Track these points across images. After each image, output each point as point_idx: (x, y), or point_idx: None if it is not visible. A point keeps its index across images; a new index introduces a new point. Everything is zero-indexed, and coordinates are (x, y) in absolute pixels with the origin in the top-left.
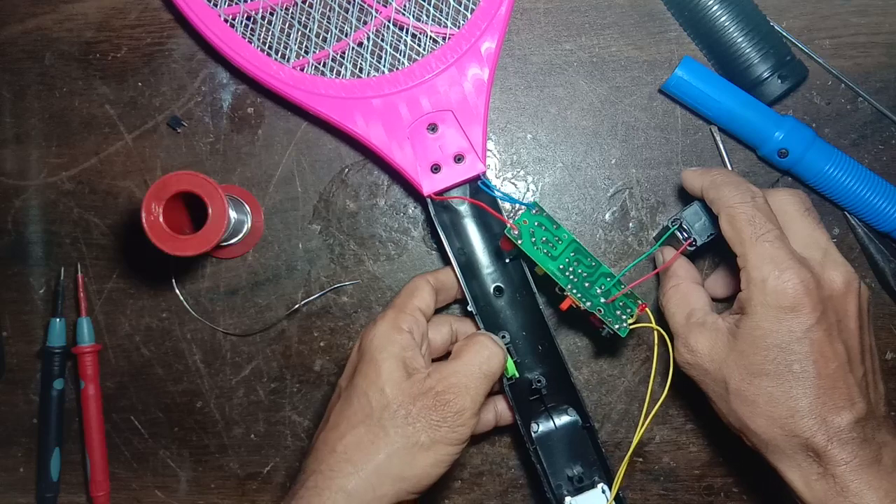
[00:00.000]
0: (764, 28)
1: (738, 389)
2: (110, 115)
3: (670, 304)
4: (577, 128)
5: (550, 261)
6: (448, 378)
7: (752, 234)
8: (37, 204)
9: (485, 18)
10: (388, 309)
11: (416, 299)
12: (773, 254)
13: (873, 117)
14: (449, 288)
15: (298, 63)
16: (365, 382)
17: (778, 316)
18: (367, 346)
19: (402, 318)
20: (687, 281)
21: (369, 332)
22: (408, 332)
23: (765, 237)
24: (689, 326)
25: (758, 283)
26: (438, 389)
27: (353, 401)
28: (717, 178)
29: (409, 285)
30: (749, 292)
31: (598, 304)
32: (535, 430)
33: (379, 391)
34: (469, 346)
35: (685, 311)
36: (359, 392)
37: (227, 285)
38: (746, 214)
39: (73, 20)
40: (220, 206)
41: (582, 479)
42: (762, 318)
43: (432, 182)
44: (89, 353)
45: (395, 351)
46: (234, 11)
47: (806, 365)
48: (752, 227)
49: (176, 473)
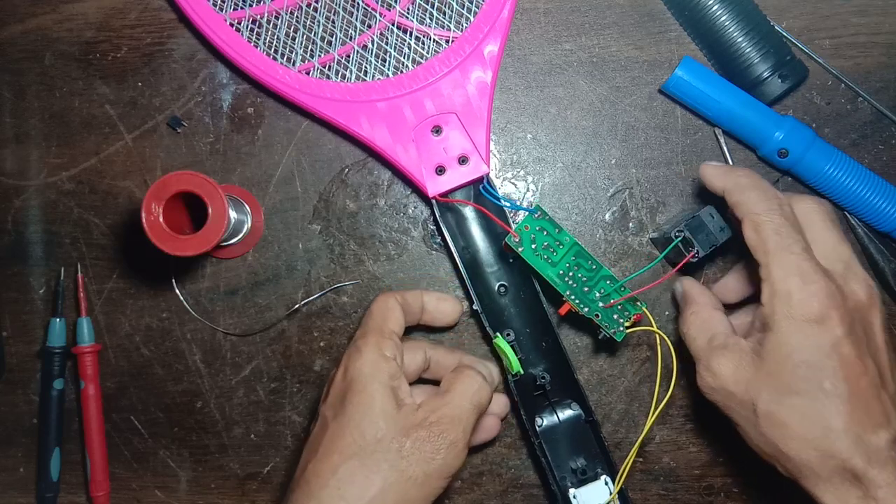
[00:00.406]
0: (764, 28)
1: (767, 412)
2: (110, 115)
3: (691, 330)
4: (577, 128)
5: (550, 267)
6: (440, 409)
7: (777, 245)
8: (37, 204)
9: (488, 21)
10: (367, 333)
11: (391, 322)
12: (798, 265)
13: (873, 117)
14: (414, 311)
15: (304, 67)
16: (358, 414)
17: (804, 330)
18: (357, 375)
19: (386, 345)
20: (707, 307)
21: (356, 359)
22: (393, 360)
23: (790, 248)
24: (710, 350)
25: (783, 295)
26: (432, 421)
27: (346, 433)
28: (742, 181)
29: (380, 305)
30: (773, 306)
31: (595, 310)
32: (540, 425)
33: (373, 423)
34: (459, 379)
35: (706, 336)
36: (352, 424)
37: (227, 285)
38: (773, 224)
39: (73, 20)
40: (220, 206)
41: (585, 471)
42: (788, 332)
43: (437, 184)
44: (89, 353)
45: (385, 380)
46: (240, 15)
47: (837, 381)
48: (778, 237)
49: (176, 473)
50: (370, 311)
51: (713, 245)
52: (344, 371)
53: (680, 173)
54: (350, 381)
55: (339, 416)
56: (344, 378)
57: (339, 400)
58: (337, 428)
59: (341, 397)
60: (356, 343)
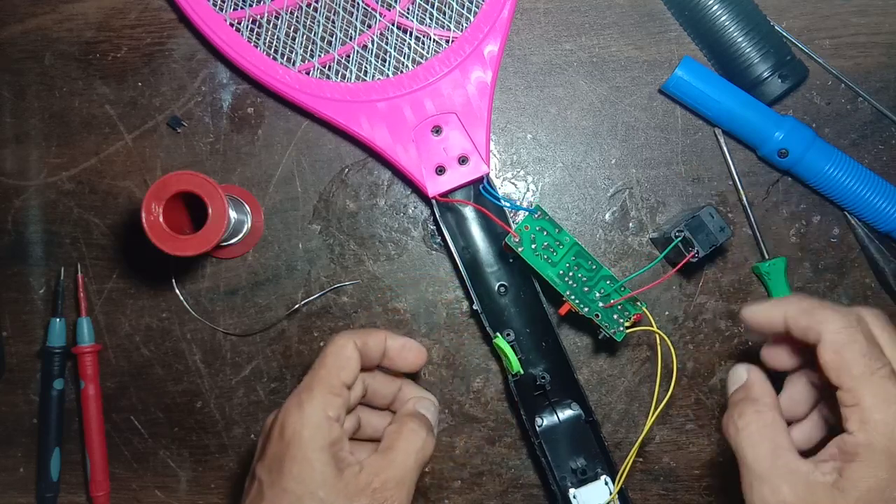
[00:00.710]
0: (764, 28)
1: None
2: (110, 115)
3: (751, 431)
4: (577, 128)
5: (550, 267)
6: (384, 472)
7: (866, 369)
8: (37, 204)
9: (488, 21)
10: (314, 386)
11: (344, 373)
12: (893, 390)
13: (873, 117)
14: (374, 357)
15: (304, 67)
16: (297, 485)
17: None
18: (295, 438)
19: (333, 404)
20: (772, 410)
21: (296, 418)
22: (336, 421)
23: (881, 372)
24: (777, 469)
25: (878, 426)
26: (375, 486)
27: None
28: (805, 304)
29: (334, 353)
30: (867, 436)
31: (595, 310)
32: (540, 425)
33: (313, 496)
34: (401, 435)
35: (770, 447)
36: (291, 496)
37: (227, 285)
38: (860, 345)
39: (73, 20)
40: (220, 206)
41: (585, 471)
42: (882, 468)
43: (437, 184)
44: (89, 353)
45: (326, 445)
46: (240, 15)
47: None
48: (866, 359)
49: (176, 473)
50: (324, 355)
51: (713, 245)
52: (281, 429)
53: (680, 173)
54: (287, 443)
55: (276, 484)
56: (281, 438)
57: (277, 464)
58: (274, 497)
59: (278, 461)
60: (299, 395)
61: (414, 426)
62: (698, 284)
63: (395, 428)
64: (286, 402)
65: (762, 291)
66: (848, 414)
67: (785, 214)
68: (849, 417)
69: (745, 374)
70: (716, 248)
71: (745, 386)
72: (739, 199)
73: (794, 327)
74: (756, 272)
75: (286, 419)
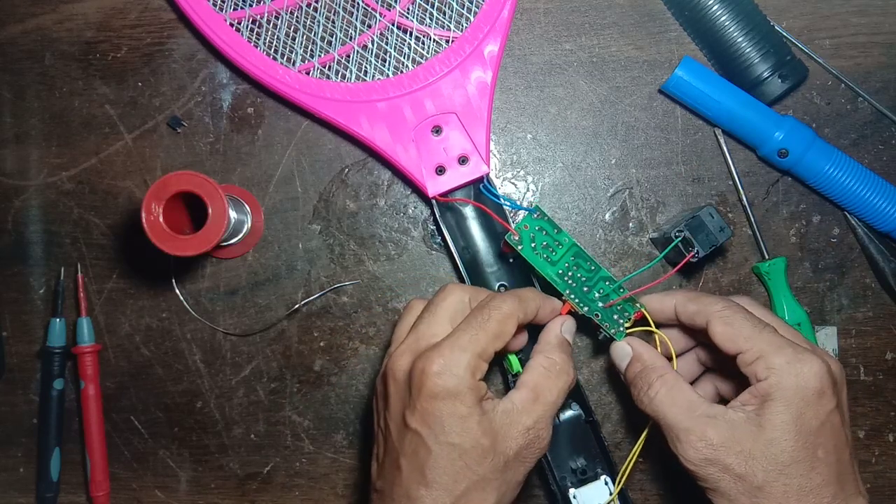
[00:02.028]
0: (764, 28)
1: (766, 482)
2: (110, 115)
3: (663, 396)
4: (577, 128)
5: (549, 266)
6: (534, 411)
7: (755, 328)
8: (37, 204)
9: (488, 21)
10: (467, 347)
11: (498, 343)
12: (783, 341)
13: (873, 117)
14: (527, 321)
15: (304, 67)
16: (462, 439)
17: (808, 399)
18: (450, 397)
19: (480, 368)
20: (670, 371)
21: (446, 378)
22: (482, 381)
23: (768, 329)
24: (698, 419)
25: (783, 367)
26: (528, 425)
27: (448, 457)
28: (691, 294)
29: (499, 321)
30: (777, 377)
31: (595, 309)
32: None
33: (477, 446)
34: (549, 372)
35: (685, 402)
36: (458, 449)
37: (227, 285)
38: (740, 312)
39: (73, 20)
40: (220, 206)
41: (585, 471)
42: (793, 402)
43: (437, 184)
44: (89, 353)
45: (478, 401)
46: (240, 15)
47: (829, 450)
48: (751, 322)
49: (176, 473)
50: (486, 319)
51: (713, 245)
52: (432, 387)
53: (680, 173)
54: (443, 401)
55: (440, 438)
56: (433, 395)
57: (435, 420)
58: (442, 451)
59: (437, 418)
60: (453, 352)
61: (558, 359)
62: (698, 284)
63: (540, 361)
64: (431, 352)
65: (762, 291)
66: (753, 368)
67: (785, 214)
68: (756, 370)
69: (629, 348)
70: (716, 248)
71: (635, 358)
72: (739, 199)
73: (683, 312)
74: (756, 272)
75: (436, 376)
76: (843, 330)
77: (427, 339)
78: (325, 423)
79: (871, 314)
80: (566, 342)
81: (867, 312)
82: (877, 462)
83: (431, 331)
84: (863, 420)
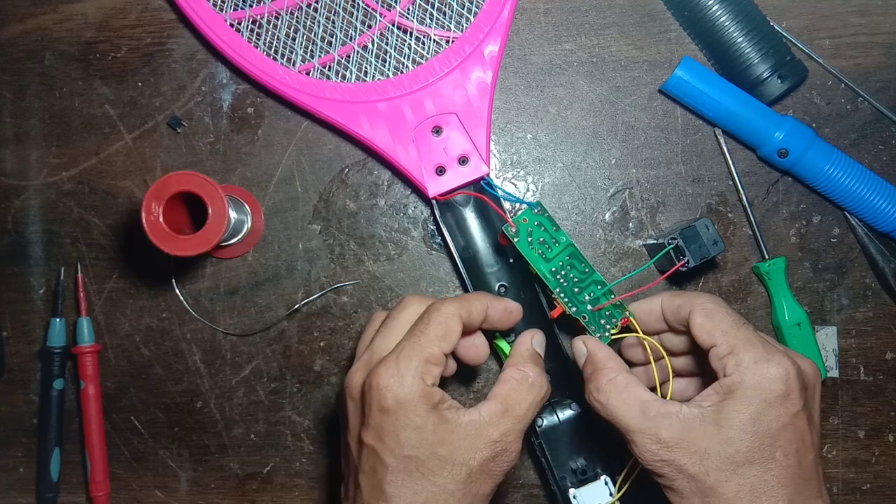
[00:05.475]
0: (764, 28)
1: (717, 482)
2: (110, 115)
3: (613, 400)
4: (577, 128)
5: (543, 262)
6: (502, 423)
7: (734, 324)
8: (37, 204)
9: (488, 22)
10: (412, 354)
11: (445, 345)
12: (759, 340)
13: (873, 117)
14: (475, 324)
15: (304, 67)
16: (417, 451)
17: (770, 400)
18: (400, 407)
19: (430, 372)
20: (621, 372)
21: (394, 387)
22: (435, 386)
23: (746, 326)
24: (651, 420)
25: (750, 365)
26: (495, 437)
27: (405, 470)
28: (675, 292)
29: (439, 322)
30: (741, 375)
31: (583, 311)
32: (540, 425)
33: (434, 456)
34: (519, 384)
35: (636, 405)
36: (415, 461)
37: (227, 285)
38: (723, 307)
39: (73, 20)
40: (220, 206)
41: (585, 471)
42: (754, 401)
43: (437, 184)
44: (89, 353)
45: (431, 408)
46: (240, 16)
47: (789, 452)
48: (732, 318)
49: (176, 473)
50: (426, 323)
51: (704, 257)
52: (380, 399)
53: (680, 173)
54: (394, 413)
55: (395, 451)
56: (383, 408)
57: (388, 433)
58: (398, 464)
59: (390, 430)
60: (397, 363)
61: (530, 372)
62: (698, 285)
63: (512, 374)
64: (378, 366)
65: (762, 291)
66: (725, 362)
67: (785, 214)
68: (726, 364)
69: (584, 347)
70: (706, 260)
71: (588, 359)
72: (739, 199)
73: (668, 308)
74: (756, 272)
75: (385, 389)
76: (843, 330)
77: (380, 354)
78: (325, 423)
79: (871, 314)
80: (538, 355)
81: (867, 312)
82: (877, 462)
83: (385, 345)
84: (863, 420)
